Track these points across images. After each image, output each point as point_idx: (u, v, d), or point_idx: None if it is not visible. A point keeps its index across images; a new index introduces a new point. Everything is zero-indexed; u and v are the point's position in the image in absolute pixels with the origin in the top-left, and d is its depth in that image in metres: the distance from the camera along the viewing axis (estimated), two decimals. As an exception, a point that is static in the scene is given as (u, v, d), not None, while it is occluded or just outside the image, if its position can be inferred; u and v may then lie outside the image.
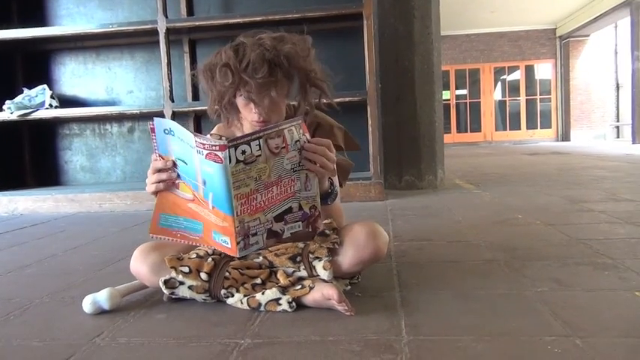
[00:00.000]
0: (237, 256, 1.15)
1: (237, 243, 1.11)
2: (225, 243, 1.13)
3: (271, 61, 1.20)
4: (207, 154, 1.06)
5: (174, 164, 1.16)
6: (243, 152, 1.07)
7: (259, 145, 1.09)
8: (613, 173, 4.32)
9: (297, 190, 1.19)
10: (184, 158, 1.12)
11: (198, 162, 1.08)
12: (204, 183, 1.10)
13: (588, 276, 1.41)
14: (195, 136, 1.06)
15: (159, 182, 1.18)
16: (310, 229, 1.23)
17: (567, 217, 2.34)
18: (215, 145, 1.04)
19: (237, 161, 1.06)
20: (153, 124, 1.14)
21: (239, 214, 1.10)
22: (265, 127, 1.12)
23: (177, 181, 1.17)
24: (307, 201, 1.20)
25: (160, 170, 1.18)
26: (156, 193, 1.21)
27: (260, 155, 1.09)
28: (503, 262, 1.57)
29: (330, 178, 1.29)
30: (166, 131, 1.12)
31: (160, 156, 1.17)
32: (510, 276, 1.43)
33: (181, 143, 1.11)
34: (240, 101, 1.28)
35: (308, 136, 1.18)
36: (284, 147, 1.13)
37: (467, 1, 10.64)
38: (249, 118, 1.29)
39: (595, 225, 2.12)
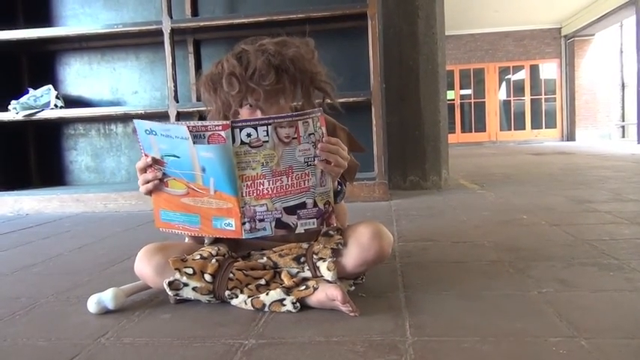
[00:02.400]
0: (242, 237, 1.15)
1: (243, 224, 1.13)
2: (229, 226, 1.14)
3: (278, 67, 1.19)
4: (210, 136, 1.07)
5: (161, 162, 1.16)
6: (249, 135, 1.08)
7: (267, 131, 1.09)
8: (618, 173, 4.30)
9: (313, 186, 1.18)
10: (174, 152, 1.13)
11: (194, 151, 1.09)
12: (204, 170, 1.11)
13: (594, 277, 1.40)
14: (193, 125, 1.07)
15: (146, 183, 1.20)
16: (325, 226, 1.23)
17: (572, 217, 2.34)
18: (218, 125, 1.06)
19: (242, 143, 1.08)
20: (134, 126, 1.15)
21: (244, 195, 1.11)
22: (277, 115, 1.12)
23: (165, 179, 1.18)
24: (322, 197, 1.20)
25: (144, 170, 1.19)
26: (148, 193, 1.22)
27: (267, 141, 1.10)
28: (508, 263, 1.57)
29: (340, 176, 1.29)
30: (147, 132, 1.13)
31: (146, 155, 1.19)
32: (515, 277, 1.43)
33: (167, 139, 1.11)
34: (244, 111, 1.26)
35: (324, 129, 1.16)
36: (295, 137, 1.12)
37: (471, 0, 10.61)
38: None
39: (600, 225, 2.11)
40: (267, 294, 1.21)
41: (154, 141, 1.14)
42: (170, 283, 1.23)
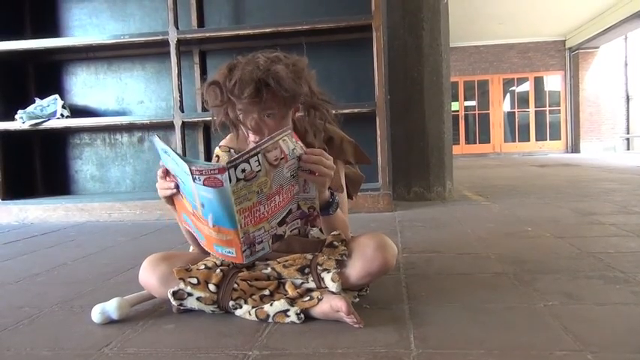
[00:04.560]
0: (244, 262, 1.15)
1: (243, 251, 1.12)
2: (230, 253, 1.14)
3: (259, 81, 1.19)
4: (205, 180, 1.05)
5: (174, 178, 1.17)
6: (243, 170, 1.06)
7: (259, 160, 1.08)
8: (623, 185, 4.28)
9: (296, 193, 1.19)
10: (182, 179, 1.13)
11: (194, 187, 1.08)
12: (203, 206, 1.10)
13: (599, 290, 1.39)
14: (191, 164, 1.06)
15: (165, 189, 1.20)
16: (309, 226, 1.24)
17: (577, 229, 2.33)
18: (214, 169, 1.04)
19: (238, 180, 1.06)
20: (152, 142, 1.15)
21: (243, 226, 1.10)
22: (261, 142, 1.11)
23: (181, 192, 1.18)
24: (305, 202, 1.20)
25: (164, 177, 1.20)
26: (165, 199, 1.22)
27: (260, 170, 1.08)
28: (513, 275, 1.56)
29: (330, 188, 1.28)
30: (163, 150, 1.13)
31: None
32: (520, 289, 1.42)
33: (176, 167, 1.11)
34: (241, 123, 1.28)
35: (301, 143, 1.17)
36: (282, 157, 1.12)
37: (476, 12, 10.66)
38: (248, 137, 1.29)
39: (605, 238, 2.10)
40: (271, 305, 1.21)
41: (168, 160, 1.14)
42: (174, 293, 1.23)
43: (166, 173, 1.19)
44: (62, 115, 3.47)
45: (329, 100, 1.36)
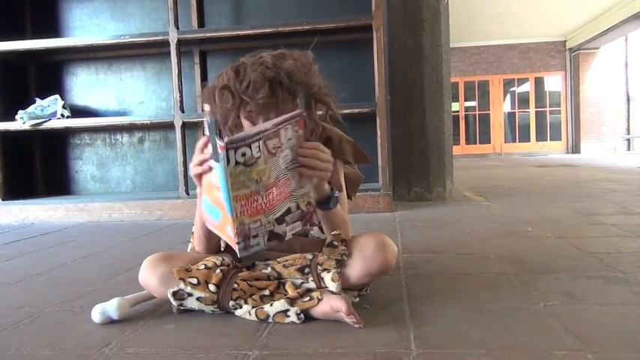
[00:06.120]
0: (239, 256, 1.13)
1: (238, 243, 1.09)
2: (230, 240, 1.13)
3: (272, 80, 1.18)
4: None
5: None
6: (244, 154, 1.05)
7: (259, 146, 1.07)
8: (624, 186, 4.28)
9: (293, 190, 1.17)
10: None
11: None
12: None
13: (600, 290, 1.39)
14: (212, 133, 1.05)
15: (199, 163, 1.14)
16: (308, 226, 1.23)
17: (578, 230, 2.32)
18: (217, 144, 1.03)
19: (237, 163, 1.04)
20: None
21: (239, 215, 1.08)
22: (264, 128, 1.08)
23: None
24: (303, 198, 1.19)
25: (202, 150, 1.15)
26: (197, 176, 1.17)
27: (260, 157, 1.07)
28: (514, 275, 1.56)
29: (329, 183, 1.27)
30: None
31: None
32: (520, 289, 1.42)
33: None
34: (245, 122, 1.27)
35: (301, 132, 1.16)
36: (279, 146, 1.11)
37: (476, 13, 10.67)
38: None
39: (606, 238, 2.10)
40: (271, 305, 1.21)
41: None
42: (174, 293, 1.23)
43: (206, 145, 1.14)
44: (62, 116, 3.47)
45: (334, 93, 1.35)
